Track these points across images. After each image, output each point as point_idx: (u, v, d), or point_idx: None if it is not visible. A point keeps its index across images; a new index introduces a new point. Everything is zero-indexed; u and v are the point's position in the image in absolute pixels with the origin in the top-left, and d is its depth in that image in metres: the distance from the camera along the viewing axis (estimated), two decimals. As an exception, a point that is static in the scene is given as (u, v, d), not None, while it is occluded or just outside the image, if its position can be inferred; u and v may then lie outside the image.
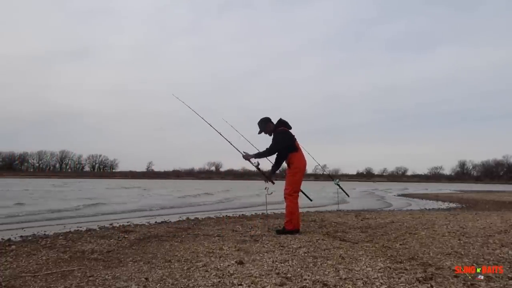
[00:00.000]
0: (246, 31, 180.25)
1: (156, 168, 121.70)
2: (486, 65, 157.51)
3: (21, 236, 5.79)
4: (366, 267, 3.28)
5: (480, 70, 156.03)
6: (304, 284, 2.81)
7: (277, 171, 5.61)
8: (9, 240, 5.42)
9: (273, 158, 5.56)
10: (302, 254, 3.85)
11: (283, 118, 5.64)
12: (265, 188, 5.63)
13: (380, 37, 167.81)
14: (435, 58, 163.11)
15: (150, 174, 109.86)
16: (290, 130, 5.59)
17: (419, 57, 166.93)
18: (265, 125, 5.62)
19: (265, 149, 5.50)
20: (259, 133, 5.69)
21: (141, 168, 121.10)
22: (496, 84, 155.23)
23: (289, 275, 3.03)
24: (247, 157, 5.55)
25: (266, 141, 5.64)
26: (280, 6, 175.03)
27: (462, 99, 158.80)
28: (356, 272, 3.12)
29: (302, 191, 5.78)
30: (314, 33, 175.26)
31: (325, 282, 2.84)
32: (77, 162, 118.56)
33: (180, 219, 8.40)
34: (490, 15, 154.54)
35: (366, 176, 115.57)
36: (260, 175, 5.77)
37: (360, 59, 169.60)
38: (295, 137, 5.61)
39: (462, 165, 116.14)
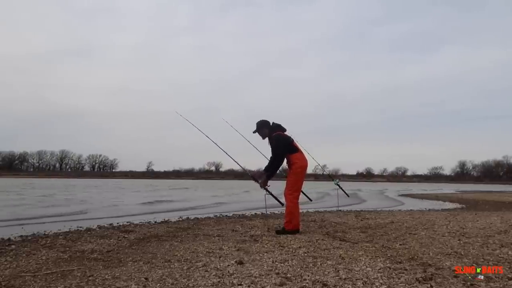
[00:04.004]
0: (248, 30, 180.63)
1: (156, 168, 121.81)
2: (488, 65, 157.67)
3: (21, 236, 5.78)
4: (366, 267, 3.28)
5: (483, 70, 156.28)
6: (304, 284, 2.81)
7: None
8: (9, 239, 5.41)
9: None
10: (302, 254, 3.85)
11: (276, 122, 5.69)
12: (265, 195, 5.79)
13: (383, 37, 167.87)
14: (439, 58, 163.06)
15: (150, 174, 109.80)
16: (285, 132, 5.63)
17: (422, 58, 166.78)
18: (262, 127, 5.69)
19: (268, 161, 5.54)
20: (254, 132, 5.77)
21: (141, 168, 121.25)
22: (498, 84, 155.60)
23: (289, 275, 3.03)
24: (263, 182, 5.58)
25: (261, 139, 5.82)
26: (282, 5, 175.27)
27: (463, 99, 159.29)
28: (356, 272, 3.12)
29: (302, 192, 5.78)
30: (316, 32, 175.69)
31: (325, 282, 2.84)
32: (77, 162, 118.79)
33: (180, 219, 8.40)
34: (494, 16, 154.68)
35: (366, 176, 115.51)
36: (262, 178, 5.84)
37: (363, 59, 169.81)
38: (293, 138, 5.66)
39: (462, 165, 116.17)
